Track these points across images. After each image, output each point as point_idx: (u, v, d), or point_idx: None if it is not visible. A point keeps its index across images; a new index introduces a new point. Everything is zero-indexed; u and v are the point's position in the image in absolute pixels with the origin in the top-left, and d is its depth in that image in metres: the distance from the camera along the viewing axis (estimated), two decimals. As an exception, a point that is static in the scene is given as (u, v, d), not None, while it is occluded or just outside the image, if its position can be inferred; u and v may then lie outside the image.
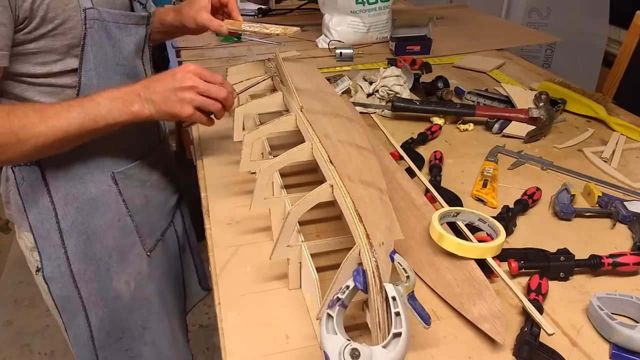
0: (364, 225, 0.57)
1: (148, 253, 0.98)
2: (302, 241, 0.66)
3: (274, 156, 0.77)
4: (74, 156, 0.84)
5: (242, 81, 1.03)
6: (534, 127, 1.12)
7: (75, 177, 0.87)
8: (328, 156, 0.69)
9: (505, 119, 1.16)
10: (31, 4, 0.70)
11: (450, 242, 0.70)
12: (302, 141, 0.77)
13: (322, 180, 0.68)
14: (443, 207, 0.81)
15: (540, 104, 1.18)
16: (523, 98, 1.25)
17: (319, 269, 0.63)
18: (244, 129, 0.98)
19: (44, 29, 0.73)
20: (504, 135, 1.14)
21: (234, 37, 1.75)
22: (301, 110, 0.82)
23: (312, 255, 0.65)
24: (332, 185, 0.65)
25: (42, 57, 0.76)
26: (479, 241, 0.74)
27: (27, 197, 0.86)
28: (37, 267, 0.90)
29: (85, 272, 0.91)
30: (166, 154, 1.05)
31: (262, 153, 0.92)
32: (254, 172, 0.92)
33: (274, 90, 1.02)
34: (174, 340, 1.07)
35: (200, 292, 1.24)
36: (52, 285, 0.90)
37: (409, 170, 0.99)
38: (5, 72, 0.75)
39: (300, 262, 0.68)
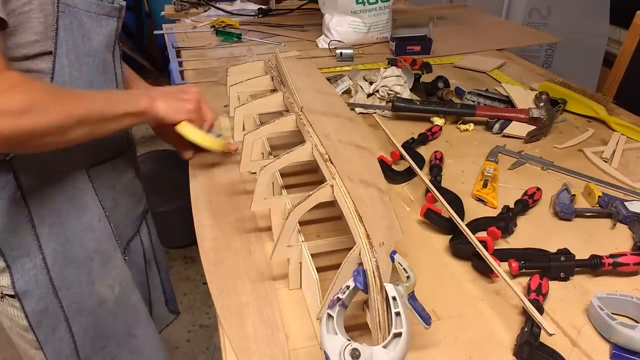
0: (364, 225, 0.57)
1: (125, 258, 0.93)
2: (302, 241, 0.66)
3: (274, 156, 0.77)
4: (46, 152, 0.75)
5: (242, 81, 1.03)
6: (535, 127, 1.12)
7: (49, 175, 0.79)
8: (328, 156, 0.69)
9: (506, 119, 1.16)
10: None
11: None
12: (303, 141, 0.77)
13: (322, 180, 0.68)
14: (444, 207, 0.81)
15: (541, 104, 1.18)
16: (523, 98, 1.25)
17: (319, 269, 0.63)
18: (244, 129, 0.98)
19: (17, 2, 0.67)
20: (504, 136, 1.14)
21: (234, 36, 1.76)
22: (301, 110, 0.82)
23: (313, 256, 0.65)
24: (332, 185, 0.65)
25: (19, 37, 0.69)
26: (480, 241, 0.74)
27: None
28: (1, 293, 0.81)
29: (66, 277, 0.83)
30: (133, 161, 1.00)
31: (262, 153, 0.92)
32: (254, 172, 0.92)
33: (274, 90, 1.02)
34: (160, 347, 1.03)
35: (168, 315, 1.16)
36: (26, 301, 0.81)
37: (410, 170, 0.99)
38: None
39: (301, 262, 0.68)
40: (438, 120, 1.19)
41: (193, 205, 0.87)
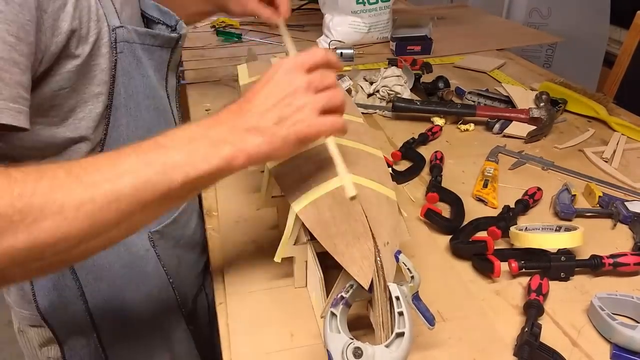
0: (369, 225, 0.57)
1: (190, 327, 0.81)
2: (308, 240, 0.66)
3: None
4: None
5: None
6: (535, 127, 1.13)
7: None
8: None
9: (506, 119, 1.16)
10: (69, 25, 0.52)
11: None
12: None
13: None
14: (444, 207, 0.81)
15: (541, 104, 1.18)
16: (524, 98, 1.25)
17: (324, 268, 0.63)
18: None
19: (74, 57, 0.54)
20: (504, 136, 1.14)
21: (234, 36, 1.76)
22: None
23: (318, 254, 0.65)
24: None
25: (57, 110, 0.55)
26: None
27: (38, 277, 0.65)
28: None
29: (124, 357, 0.75)
30: (196, 205, 0.86)
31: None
32: (262, 170, 0.92)
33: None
34: None
35: None
36: None
37: (411, 170, 0.99)
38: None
39: (306, 261, 0.68)
40: (438, 120, 1.19)
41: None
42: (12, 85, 0.44)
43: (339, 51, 1.58)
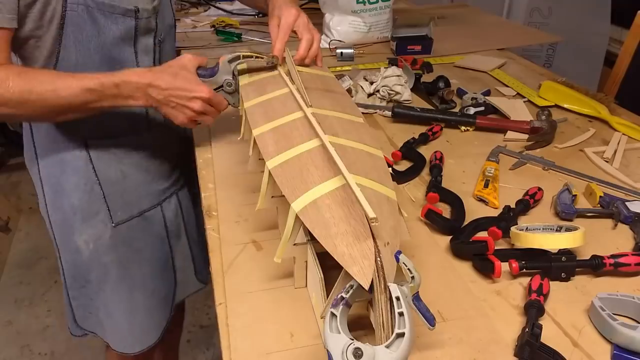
0: (369, 225, 0.57)
1: (114, 224, 1.05)
2: (308, 240, 0.66)
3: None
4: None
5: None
6: (536, 140, 1.10)
7: (50, 136, 0.98)
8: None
9: (507, 129, 1.15)
10: None
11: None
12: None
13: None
14: (445, 207, 0.81)
15: (542, 117, 1.15)
16: (523, 113, 1.21)
17: (324, 268, 0.63)
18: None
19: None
20: (504, 140, 1.13)
21: (234, 36, 1.76)
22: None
23: (318, 254, 0.65)
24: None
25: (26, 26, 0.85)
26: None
27: (28, 144, 1.03)
28: None
29: (56, 219, 1.04)
30: (158, 141, 1.09)
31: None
32: (262, 170, 0.92)
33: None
34: (129, 316, 1.12)
35: (196, 283, 1.26)
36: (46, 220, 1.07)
37: (411, 170, 0.99)
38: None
39: (306, 261, 0.68)
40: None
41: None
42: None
43: (339, 51, 1.58)
